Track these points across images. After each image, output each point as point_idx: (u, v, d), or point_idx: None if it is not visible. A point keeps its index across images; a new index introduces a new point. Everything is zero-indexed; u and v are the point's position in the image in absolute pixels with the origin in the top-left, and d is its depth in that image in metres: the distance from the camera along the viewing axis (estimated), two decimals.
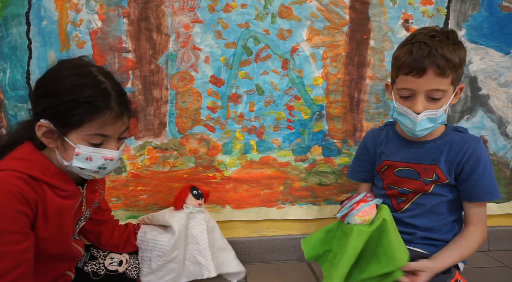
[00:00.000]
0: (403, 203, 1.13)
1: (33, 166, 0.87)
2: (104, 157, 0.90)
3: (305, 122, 1.47)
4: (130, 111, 0.94)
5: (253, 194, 1.49)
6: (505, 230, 1.63)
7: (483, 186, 1.04)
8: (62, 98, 0.85)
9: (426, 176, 1.09)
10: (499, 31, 1.49)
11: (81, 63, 0.92)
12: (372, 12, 1.43)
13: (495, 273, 1.42)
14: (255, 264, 1.49)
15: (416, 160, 1.11)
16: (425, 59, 0.96)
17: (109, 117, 0.87)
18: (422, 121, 1.00)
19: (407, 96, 1.02)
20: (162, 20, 1.35)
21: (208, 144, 1.44)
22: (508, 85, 1.54)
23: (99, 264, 1.15)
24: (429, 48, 0.96)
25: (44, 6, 1.29)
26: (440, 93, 0.99)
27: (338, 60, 1.45)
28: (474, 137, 1.09)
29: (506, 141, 1.57)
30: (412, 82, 0.99)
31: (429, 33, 1.00)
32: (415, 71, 0.97)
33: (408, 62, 0.98)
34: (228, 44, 1.39)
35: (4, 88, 1.32)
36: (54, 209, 0.89)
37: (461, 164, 1.05)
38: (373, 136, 1.25)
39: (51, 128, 0.87)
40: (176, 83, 1.39)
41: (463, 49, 1.02)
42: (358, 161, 1.30)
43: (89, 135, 0.87)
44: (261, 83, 1.43)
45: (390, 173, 1.16)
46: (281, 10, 1.39)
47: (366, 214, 0.98)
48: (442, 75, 0.96)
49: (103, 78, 0.89)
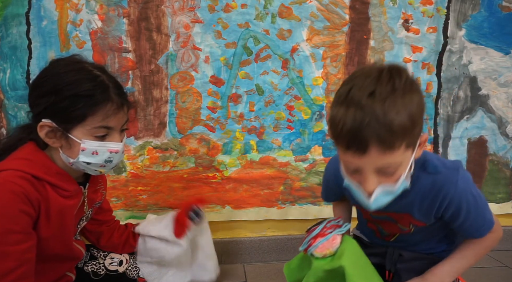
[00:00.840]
0: (387, 237, 1.06)
1: (36, 165, 0.87)
2: (110, 150, 0.91)
3: (305, 122, 1.47)
4: (129, 102, 0.95)
5: (253, 194, 1.49)
6: (506, 230, 1.62)
7: (472, 225, 0.90)
8: (62, 94, 0.85)
9: (403, 224, 0.97)
10: (499, 31, 1.49)
11: (74, 60, 0.93)
12: (372, 12, 1.43)
13: (495, 273, 1.42)
14: (255, 264, 1.49)
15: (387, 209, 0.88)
16: (363, 131, 0.70)
17: (111, 108, 0.88)
18: (377, 198, 0.79)
19: (354, 170, 0.79)
20: (162, 20, 1.35)
21: (208, 144, 1.44)
22: (508, 85, 1.54)
23: (99, 264, 1.15)
24: (367, 116, 0.70)
25: (44, 6, 1.29)
26: (393, 166, 0.76)
27: (338, 60, 1.45)
28: (447, 176, 0.86)
29: (506, 141, 1.57)
30: (355, 159, 0.75)
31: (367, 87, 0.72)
32: (354, 147, 0.72)
33: (343, 134, 0.73)
34: (228, 44, 1.39)
35: (4, 88, 1.32)
36: (56, 208, 0.89)
37: (440, 212, 0.89)
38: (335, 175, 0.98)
39: (53, 126, 0.87)
40: (176, 83, 1.39)
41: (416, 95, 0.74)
42: (326, 188, 1.11)
43: (94, 128, 0.88)
44: (261, 83, 1.43)
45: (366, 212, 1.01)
46: (281, 10, 1.39)
47: (325, 249, 0.92)
48: (390, 149, 0.72)
49: (99, 72, 0.90)
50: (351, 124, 0.71)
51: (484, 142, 1.56)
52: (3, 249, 0.80)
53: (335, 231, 0.94)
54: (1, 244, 0.80)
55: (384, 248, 1.09)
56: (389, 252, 1.08)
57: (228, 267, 1.46)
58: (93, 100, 0.86)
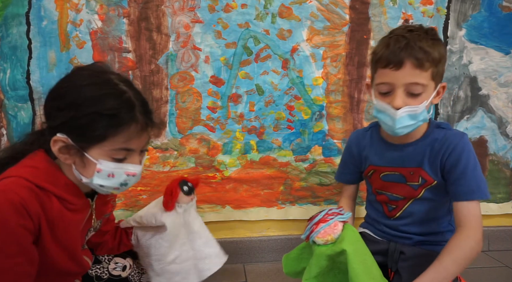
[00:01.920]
0: (394, 210, 1.10)
1: (43, 175, 0.81)
2: (127, 172, 0.84)
3: (305, 122, 1.47)
4: (154, 122, 0.87)
5: (253, 194, 1.49)
6: (505, 230, 1.63)
7: (465, 184, 0.96)
8: (82, 111, 0.77)
9: (412, 181, 1.05)
10: (499, 31, 1.49)
11: (98, 70, 0.84)
12: (372, 12, 1.43)
13: (495, 273, 1.42)
14: (255, 264, 1.49)
15: (400, 164, 1.06)
16: (402, 51, 0.92)
17: (135, 129, 0.80)
18: (402, 118, 0.94)
19: (386, 92, 0.96)
20: (162, 20, 1.35)
21: (208, 144, 1.44)
22: (508, 85, 1.54)
23: (103, 268, 1.14)
24: (407, 40, 0.92)
25: (44, 6, 1.29)
26: (420, 88, 0.93)
27: (338, 60, 1.45)
28: (457, 133, 1.02)
29: (506, 141, 1.57)
30: (390, 75, 0.94)
31: (407, 27, 0.97)
32: (393, 63, 0.92)
33: (385, 55, 0.94)
34: (228, 44, 1.39)
35: (4, 88, 1.32)
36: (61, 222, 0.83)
37: (443, 162, 1.00)
38: (357, 138, 1.18)
39: (69, 143, 0.79)
40: (176, 83, 1.39)
41: (442, 46, 0.97)
42: (344, 163, 1.23)
43: (113, 150, 0.80)
44: (261, 83, 1.43)
45: (376, 178, 1.12)
46: (281, 10, 1.39)
47: (327, 234, 0.94)
48: (421, 67, 0.92)
49: (125, 87, 0.82)
50: (393, 45, 0.93)
51: (484, 142, 1.56)
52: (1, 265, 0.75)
53: (337, 217, 0.96)
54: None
55: (386, 245, 1.10)
56: (390, 249, 1.09)
57: (228, 267, 1.46)
58: (117, 120, 0.78)
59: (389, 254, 1.10)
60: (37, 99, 1.33)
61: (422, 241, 1.08)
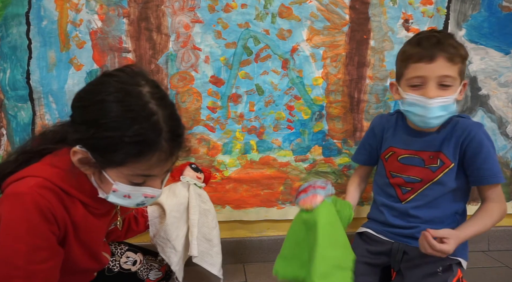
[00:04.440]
0: (408, 193, 1.14)
1: (69, 179, 0.78)
2: (145, 195, 0.80)
3: (305, 122, 1.47)
4: (182, 146, 0.80)
5: (253, 194, 1.49)
6: (505, 230, 1.63)
7: (489, 169, 1.06)
8: (104, 132, 0.72)
9: (431, 163, 1.11)
10: (499, 31, 1.49)
11: (129, 81, 0.76)
12: (372, 12, 1.43)
13: (495, 273, 1.42)
14: (255, 264, 1.49)
15: (421, 148, 1.13)
16: (435, 47, 1.02)
17: (158, 159, 0.74)
18: (435, 108, 1.02)
19: (418, 85, 1.05)
20: (162, 20, 1.35)
21: (208, 144, 1.44)
22: (508, 85, 1.54)
23: (115, 261, 1.14)
24: (437, 38, 1.04)
25: (44, 6, 1.29)
26: (450, 80, 1.03)
27: (338, 60, 1.45)
28: (476, 123, 1.12)
29: (506, 141, 1.57)
30: (423, 68, 1.03)
31: (432, 30, 1.10)
32: (426, 58, 1.02)
33: (417, 51, 1.04)
34: (228, 44, 1.39)
35: (4, 88, 1.32)
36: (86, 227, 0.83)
37: (464, 147, 1.08)
38: (381, 120, 1.26)
39: (88, 157, 0.75)
40: (176, 83, 1.39)
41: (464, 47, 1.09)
42: (363, 145, 1.32)
43: (132, 175, 0.77)
44: (261, 83, 1.43)
45: (393, 160, 1.17)
46: (281, 10, 1.39)
47: (305, 203, 1.06)
48: (452, 61, 1.02)
49: (155, 106, 0.74)
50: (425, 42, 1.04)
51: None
52: (31, 268, 0.73)
53: (317, 190, 1.07)
54: (29, 263, 0.73)
55: (390, 245, 1.11)
56: (394, 248, 1.10)
57: (228, 267, 1.46)
58: (139, 147, 0.72)
59: (392, 253, 1.11)
60: (37, 99, 1.33)
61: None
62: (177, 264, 1.16)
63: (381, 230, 1.17)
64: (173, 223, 1.18)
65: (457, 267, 1.06)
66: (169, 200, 1.20)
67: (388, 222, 1.15)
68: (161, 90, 0.80)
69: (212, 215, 1.27)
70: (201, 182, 1.30)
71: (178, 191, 1.22)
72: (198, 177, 1.28)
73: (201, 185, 1.29)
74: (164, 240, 1.16)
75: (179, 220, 1.19)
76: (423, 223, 1.10)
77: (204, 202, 1.27)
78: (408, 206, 1.13)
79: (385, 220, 1.16)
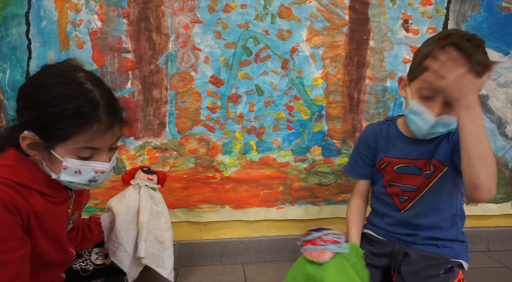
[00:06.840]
0: (405, 202, 1.13)
1: (20, 173, 0.82)
2: (95, 170, 0.86)
3: (304, 123, 1.47)
4: (122, 121, 0.87)
5: (253, 194, 1.49)
6: (505, 230, 1.63)
7: None
8: (45, 111, 0.79)
9: (427, 170, 1.09)
10: (499, 31, 1.49)
11: (66, 69, 0.84)
12: (371, 12, 1.43)
13: (495, 273, 1.42)
14: (255, 264, 1.49)
15: (416, 156, 1.10)
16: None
17: (98, 129, 0.81)
18: (437, 125, 0.98)
19: (427, 97, 0.98)
20: (162, 20, 1.36)
21: (208, 144, 1.44)
22: (507, 85, 1.54)
23: (85, 260, 1.15)
24: (468, 53, 0.90)
25: (43, 6, 1.29)
26: None
27: (337, 61, 1.45)
28: None
29: (505, 142, 1.57)
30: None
31: (464, 36, 0.95)
32: None
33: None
34: (228, 44, 1.39)
35: (4, 88, 1.32)
36: (47, 216, 0.86)
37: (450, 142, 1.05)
38: (373, 130, 1.20)
39: (36, 140, 0.81)
40: (176, 83, 1.39)
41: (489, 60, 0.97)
42: (358, 157, 1.23)
43: (77, 148, 0.82)
44: (261, 83, 1.43)
45: (390, 170, 1.15)
46: (280, 10, 1.39)
47: (312, 256, 0.97)
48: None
49: (91, 86, 0.82)
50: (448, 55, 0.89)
51: None
52: (2, 258, 0.76)
53: (328, 246, 0.97)
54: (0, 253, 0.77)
55: (391, 246, 1.11)
56: (395, 250, 1.10)
57: (228, 267, 1.46)
58: (79, 120, 0.79)
59: (393, 255, 1.11)
60: None
61: (428, 237, 1.09)
62: (129, 266, 1.17)
63: (382, 232, 1.16)
64: (123, 225, 1.17)
65: (458, 269, 1.06)
66: (119, 204, 1.20)
67: (388, 229, 1.15)
68: (97, 76, 0.87)
69: (165, 218, 1.26)
70: (154, 184, 1.29)
71: (128, 194, 1.22)
72: (149, 179, 1.27)
73: (154, 187, 1.28)
74: (115, 243, 1.16)
75: (130, 223, 1.19)
76: (423, 230, 1.10)
77: (156, 204, 1.25)
78: (407, 214, 1.12)
79: (384, 227, 1.16)
